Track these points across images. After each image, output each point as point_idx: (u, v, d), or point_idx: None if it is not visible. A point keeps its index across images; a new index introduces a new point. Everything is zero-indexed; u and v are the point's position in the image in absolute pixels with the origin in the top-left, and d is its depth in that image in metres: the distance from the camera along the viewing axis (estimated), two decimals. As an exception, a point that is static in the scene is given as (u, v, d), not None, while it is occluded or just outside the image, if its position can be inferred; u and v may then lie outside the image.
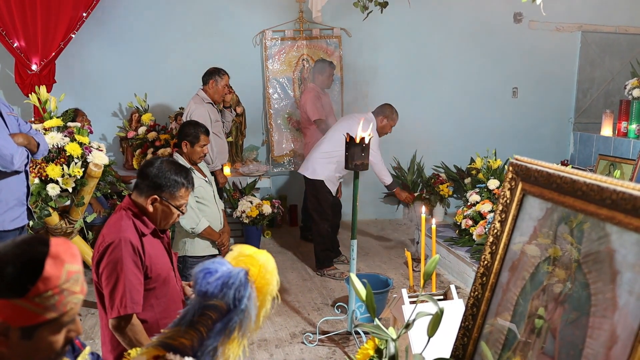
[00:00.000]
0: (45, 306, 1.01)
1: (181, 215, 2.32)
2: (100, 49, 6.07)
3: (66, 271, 1.03)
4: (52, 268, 1.01)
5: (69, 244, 1.08)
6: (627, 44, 7.01)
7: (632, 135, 5.62)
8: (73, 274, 1.05)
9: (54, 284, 1.01)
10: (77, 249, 1.10)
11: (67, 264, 1.04)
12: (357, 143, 3.41)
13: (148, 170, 2.23)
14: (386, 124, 5.06)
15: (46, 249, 1.03)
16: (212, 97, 4.84)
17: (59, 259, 1.03)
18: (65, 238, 1.14)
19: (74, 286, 1.05)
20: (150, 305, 2.21)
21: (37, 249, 1.03)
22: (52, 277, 1.01)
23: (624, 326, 1.01)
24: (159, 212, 2.23)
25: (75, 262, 1.06)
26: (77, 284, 1.06)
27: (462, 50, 6.72)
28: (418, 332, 1.56)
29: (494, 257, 1.41)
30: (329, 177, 4.92)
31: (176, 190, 2.23)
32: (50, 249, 1.03)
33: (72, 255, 1.06)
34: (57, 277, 1.02)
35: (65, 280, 1.03)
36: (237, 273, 1.24)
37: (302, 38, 6.43)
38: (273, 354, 3.66)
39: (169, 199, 2.22)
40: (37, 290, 1.00)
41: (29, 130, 3.21)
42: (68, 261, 1.05)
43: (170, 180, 2.22)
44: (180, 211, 2.28)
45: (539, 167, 1.31)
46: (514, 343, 1.29)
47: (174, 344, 1.18)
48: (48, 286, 1.01)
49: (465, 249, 4.93)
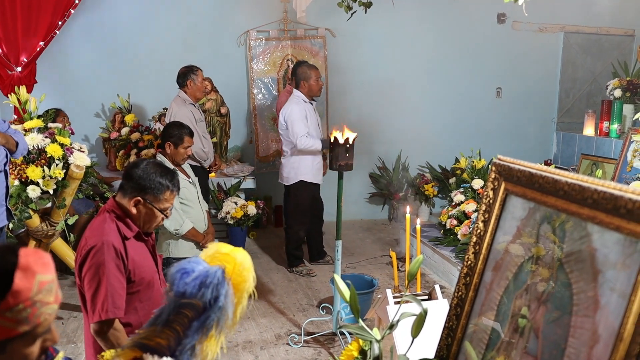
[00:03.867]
0: (17, 320, 0.97)
1: (165, 218, 2.29)
2: (82, 49, 6.00)
3: (38, 282, 0.99)
4: (22, 281, 0.97)
5: (39, 253, 1.03)
6: (609, 45, 7.10)
7: (614, 135, 5.69)
8: (45, 285, 1.00)
9: (25, 297, 0.97)
10: (48, 258, 1.05)
11: (38, 275, 0.99)
12: (341, 143, 3.41)
13: (133, 172, 2.20)
14: (310, 85, 4.87)
15: (15, 260, 0.98)
16: (194, 95, 4.81)
17: (30, 270, 0.98)
18: (36, 247, 1.09)
19: (47, 297, 1.01)
20: (134, 308, 2.19)
21: (5, 261, 0.98)
22: (23, 290, 0.97)
23: (606, 325, 1.01)
24: (142, 215, 2.20)
25: (47, 272, 1.01)
26: (50, 294, 1.01)
27: (446, 51, 6.76)
28: (402, 332, 1.56)
29: (477, 257, 1.41)
30: (304, 172, 4.92)
31: (160, 193, 2.20)
32: (20, 260, 0.98)
33: (43, 265, 1.01)
34: (28, 289, 0.97)
35: (37, 291, 0.98)
36: (214, 272, 1.23)
37: (287, 38, 6.41)
38: (258, 355, 3.64)
39: (152, 201, 2.19)
40: (7, 305, 0.95)
41: (7, 130, 3.16)
42: (39, 272, 1.00)
43: (155, 183, 2.19)
44: (165, 214, 2.25)
45: (522, 167, 1.31)
46: (498, 343, 1.29)
47: (150, 344, 1.16)
48: (18, 299, 0.96)
49: (450, 249, 4.95)
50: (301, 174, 4.92)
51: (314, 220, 5.20)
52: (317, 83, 4.91)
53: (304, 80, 4.88)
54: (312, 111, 4.95)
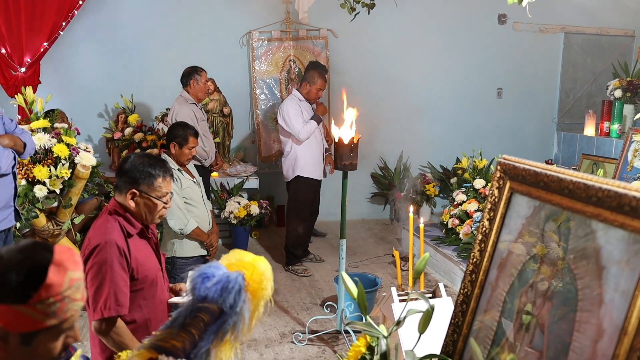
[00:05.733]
0: (47, 313, 1.02)
1: (166, 207, 2.28)
2: (85, 50, 6.03)
3: (69, 279, 1.04)
4: (55, 275, 1.02)
5: (72, 252, 1.09)
6: (609, 45, 7.13)
7: (614, 135, 5.72)
8: (75, 282, 1.06)
9: (56, 291, 1.02)
10: (79, 257, 1.11)
11: (69, 272, 1.05)
12: (345, 143, 3.44)
13: (123, 167, 2.22)
14: (310, 89, 4.91)
15: (50, 256, 1.04)
16: (196, 95, 4.85)
17: (62, 267, 1.04)
18: (69, 246, 1.15)
19: (75, 293, 1.06)
20: (138, 305, 2.20)
21: (41, 256, 1.04)
22: (55, 285, 1.02)
23: (610, 320, 1.04)
24: (141, 207, 2.21)
25: (77, 270, 1.07)
26: (78, 291, 1.07)
27: (447, 51, 6.78)
28: (408, 329, 1.58)
29: (482, 254, 1.44)
30: (301, 167, 4.96)
31: (153, 181, 2.20)
32: (54, 256, 1.04)
33: (74, 262, 1.07)
34: (59, 284, 1.03)
35: (67, 287, 1.04)
36: (235, 277, 1.26)
37: (289, 39, 6.44)
38: (263, 353, 3.67)
39: (147, 191, 2.19)
40: (39, 297, 1.01)
41: (14, 129, 3.17)
42: (71, 269, 1.06)
43: (145, 172, 2.19)
44: (163, 202, 2.24)
45: (527, 166, 1.34)
46: (503, 339, 1.32)
47: (165, 346, 1.19)
48: (50, 293, 1.02)
49: (452, 248, 4.98)
50: (299, 169, 4.97)
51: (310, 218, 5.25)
52: (317, 93, 4.94)
53: (307, 82, 4.91)
54: (309, 109, 4.98)
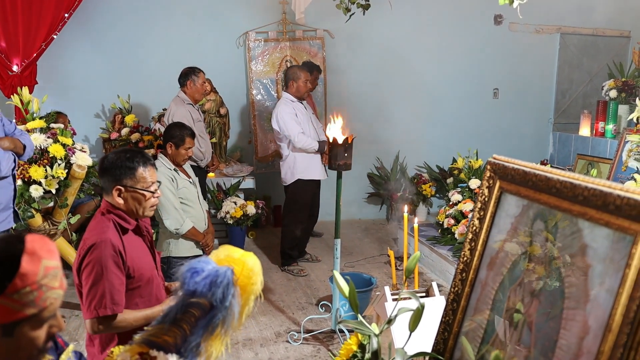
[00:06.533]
0: (24, 302, 1.02)
1: (156, 196, 2.26)
2: (82, 50, 6.03)
3: (43, 267, 1.04)
4: (28, 264, 1.02)
5: (45, 240, 1.08)
6: (605, 46, 7.15)
7: (609, 135, 5.75)
8: (51, 270, 1.06)
9: (31, 280, 1.02)
10: (54, 245, 1.10)
11: (44, 260, 1.05)
12: (340, 143, 3.45)
13: (102, 166, 2.22)
14: (298, 85, 4.94)
15: (21, 246, 1.03)
16: (193, 96, 4.86)
17: (36, 255, 1.04)
18: (42, 235, 1.14)
19: (52, 282, 1.06)
20: (135, 304, 2.21)
21: (13, 246, 1.03)
22: (29, 273, 1.02)
23: (595, 317, 1.06)
24: (130, 201, 2.20)
25: (52, 258, 1.07)
26: (55, 279, 1.07)
27: (443, 52, 6.80)
28: (400, 328, 1.59)
29: (473, 253, 1.45)
30: (300, 170, 4.96)
31: (135, 173, 2.18)
32: (26, 245, 1.04)
33: (48, 251, 1.07)
34: (34, 273, 1.02)
35: (43, 275, 1.04)
36: (224, 272, 1.27)
37: (286, 39, 6.45)
38: (258, 352, 3.68)
39: (132, 184, 2.18)
40: (14, 287, 1.00)
41: (14, 131, 3.18)
42: (45, 257, 1.05)
43: (124, 167, 2.18)
44: (151, 192, 2.22)
45: (516, 165, 1.35)
46: (493, 336, 1.33)
47: (157, 341, 1.21)
48: (25, 282, 1.01)
49: (448, 248, 4.99)
50: (298, 172, 4.97)
51: (309, 220, 5.25)
52: (306, 85, 4.96)
53: (292, 81, 4.94)
54: (303, 109, 4.99)
